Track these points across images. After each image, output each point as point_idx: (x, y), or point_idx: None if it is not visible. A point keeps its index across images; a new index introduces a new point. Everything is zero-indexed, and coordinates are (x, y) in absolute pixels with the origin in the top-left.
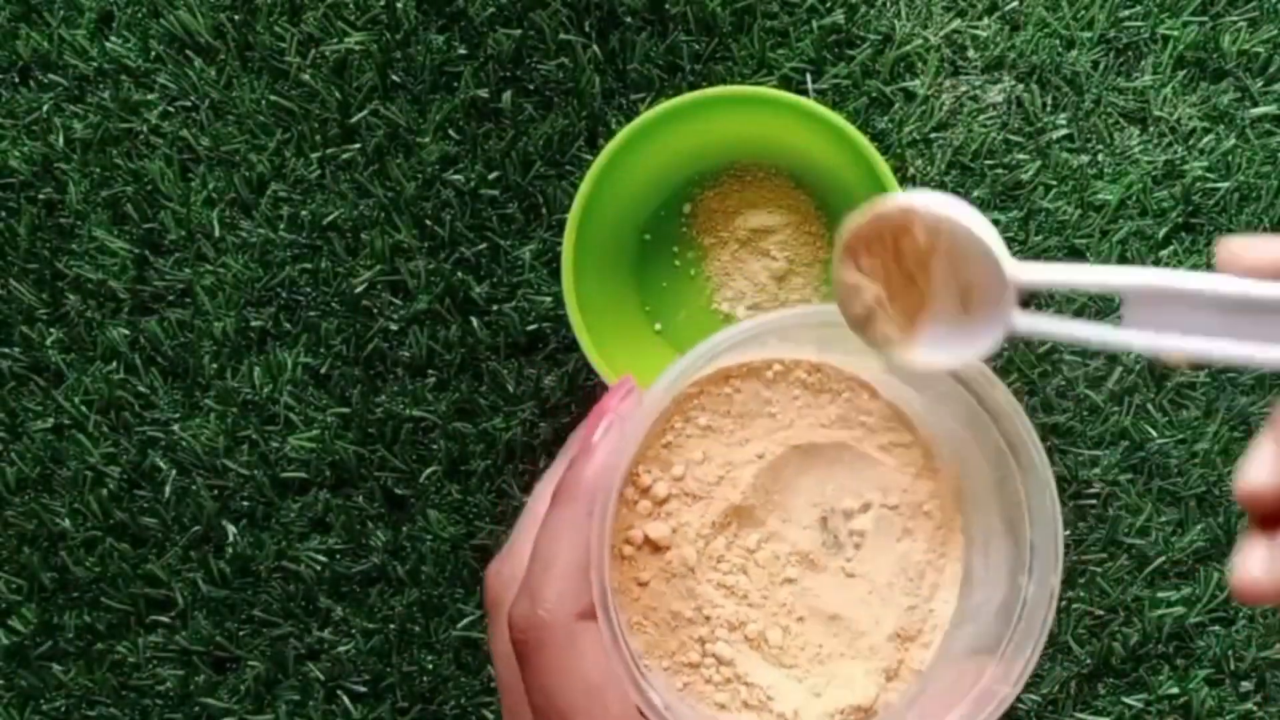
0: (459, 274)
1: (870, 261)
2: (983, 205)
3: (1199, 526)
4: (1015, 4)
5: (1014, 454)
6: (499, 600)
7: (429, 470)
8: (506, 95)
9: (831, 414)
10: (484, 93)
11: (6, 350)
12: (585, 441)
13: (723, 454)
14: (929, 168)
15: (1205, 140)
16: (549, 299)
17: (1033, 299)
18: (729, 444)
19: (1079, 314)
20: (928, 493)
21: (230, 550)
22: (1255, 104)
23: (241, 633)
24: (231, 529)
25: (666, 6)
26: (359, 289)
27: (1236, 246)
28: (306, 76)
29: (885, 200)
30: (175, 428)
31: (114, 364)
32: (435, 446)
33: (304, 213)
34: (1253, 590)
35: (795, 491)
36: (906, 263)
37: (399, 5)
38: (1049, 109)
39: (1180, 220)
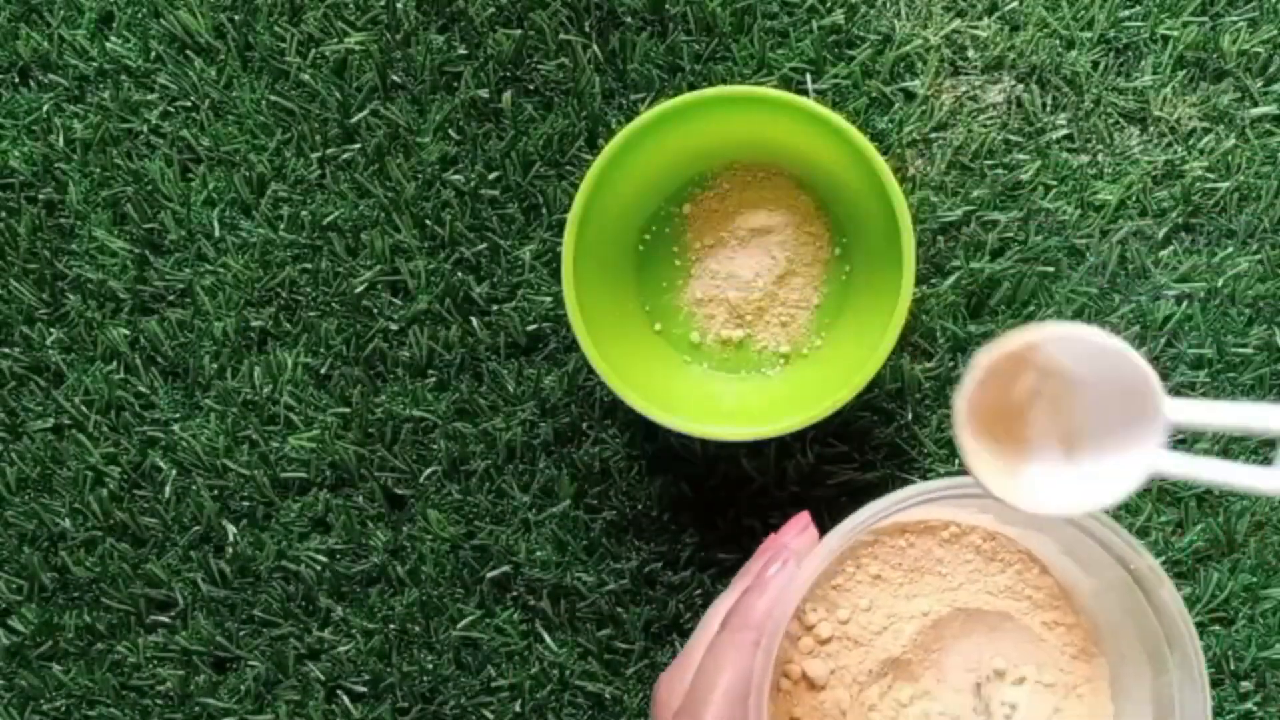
0: (459, 274)
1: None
2: (983, 205)
3: (1199, 526)
4: (1015, 4)
5: (1173, 653)
6: (664, 710)
7: (429, 470)
8: (506, 95)
9: (1000, 583)
10: (484, 93)
11: (6, 350)
12: (760, 574)
13: (889, 605)
14: (929, 168)
15: (1205, 140)
16: (549, 299)
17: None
18: (896, 596)
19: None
20: (1084, 676)
21: (230, 550)
22: (1255, 104)
23: (241, 633)
24: (231, 529)
25: (666, 6)
26: (359, 289)
27: None
28: (306, 76)
29: (1011, 337)
30: (175, 428)
31: (114, 364)
32: (435, 446)
33: (304, 213)
34: None
35: (954, 653)
36: (1009, 410)
37: (399, 5)
38: (1049, 109)
39: (1180, 220)
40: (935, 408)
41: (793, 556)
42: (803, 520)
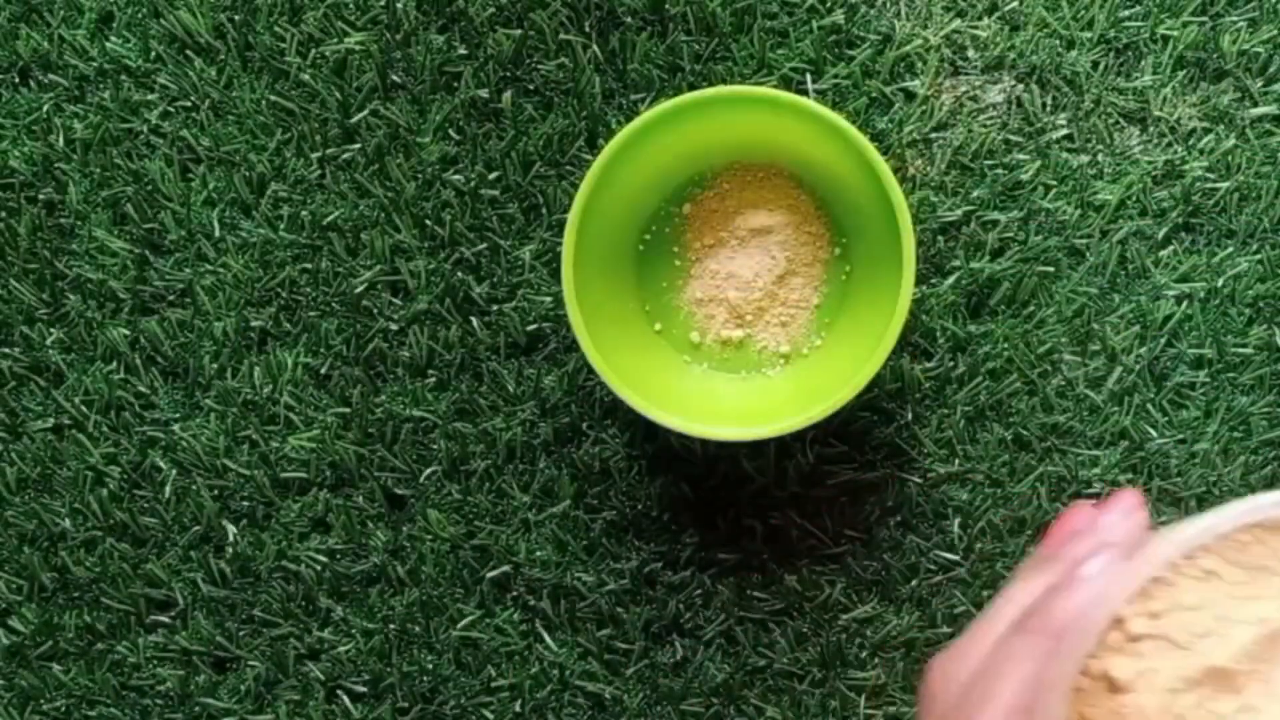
0: (459, 274)
1: None
2: (983, 205)
3: None
4: (1015, 4)
5: None
6: (935, 696)
7: (429, 470)
8: (506, 95)
9: None
10: (484, 93)
11: (6, 350)
12: (1072, 569)
13: (1220, 606)
14: (929, 168)
15: (1205, 140)
16: (549, 299)
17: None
18: (1230, 597)
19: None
20: None
21: (230, 550)
22: (1255, 104)
23: (241, 633)
24: (231, 529)
25: (666, 6)
26: (359, 289)
27: None
28: (306, 76)
29: None
30: (175, 428)
31: (114, 364)
32: (435, 446)
33: (304, 213)
34: None
35: None
36: None
37: (399, 5)
38: (1049, 109)
39: (1180, 220)
40: (935, 408)
41: (1115, 552)
42: (1131, 500)
